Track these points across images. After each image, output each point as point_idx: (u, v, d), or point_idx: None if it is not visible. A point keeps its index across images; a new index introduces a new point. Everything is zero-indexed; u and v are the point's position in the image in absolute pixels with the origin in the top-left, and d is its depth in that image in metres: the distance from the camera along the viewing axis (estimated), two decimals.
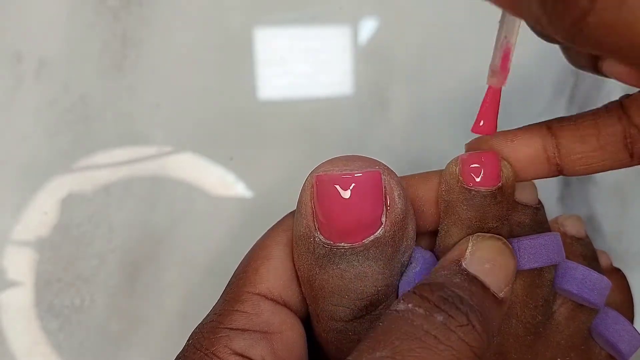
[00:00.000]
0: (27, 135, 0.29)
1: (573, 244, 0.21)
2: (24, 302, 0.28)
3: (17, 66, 0.29)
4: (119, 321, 0.28)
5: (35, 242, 0.29)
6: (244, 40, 0.30)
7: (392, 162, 0.21)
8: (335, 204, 0.16)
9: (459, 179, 0.17)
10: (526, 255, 0.18)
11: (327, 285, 0.17)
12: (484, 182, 0.17)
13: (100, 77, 0.30)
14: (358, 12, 0.31)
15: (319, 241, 0.16)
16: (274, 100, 0.30)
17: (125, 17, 0.30)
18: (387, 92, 0.31)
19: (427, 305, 0.14)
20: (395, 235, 0.16)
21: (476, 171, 0.17)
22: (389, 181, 0.17)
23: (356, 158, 0.17)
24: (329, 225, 0.16)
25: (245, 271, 0.18)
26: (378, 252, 0.16)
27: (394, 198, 0.16)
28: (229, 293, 0.18)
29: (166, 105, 0.30)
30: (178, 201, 0.29)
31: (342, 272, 0.16)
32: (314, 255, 0.16)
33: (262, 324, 0.17)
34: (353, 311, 0.17)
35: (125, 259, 0.29)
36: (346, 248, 0.16)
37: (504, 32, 0.16)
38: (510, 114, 0.31)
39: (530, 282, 0.19)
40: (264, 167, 0.30)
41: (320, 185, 0.16)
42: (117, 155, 0.29)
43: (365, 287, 0.16)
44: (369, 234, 0.16)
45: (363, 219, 0.16)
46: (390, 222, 0.16)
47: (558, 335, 0.19)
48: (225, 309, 0.17)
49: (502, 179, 0.17)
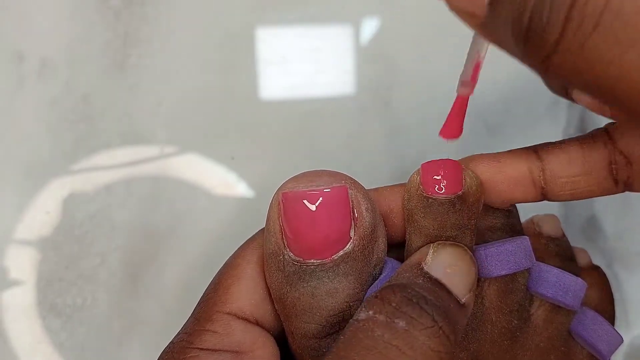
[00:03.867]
0: (29, 135, 0.29)
1: (548, 244, 0.21)
2: (26, 301, 0.28)
3: (19, 66, 0.29)
4: (121, 320, 0.29)
5: (37, 242, 0.29)
6: (246, 39, 0.31)
7: (393, 162, 0.21)
8: (302, 221, 0.16)
9: (419, 187, 0.17)
10: (493, 262, 0.18)
11: (299, 303, 0.16)
12: (443, 190, 0.17)
13: (102, 76, 0.30)
14: (360, 12, 0.31)
15: (288, 259, 0.16)
16: (276, 99, 0.30)
17: (127, 16, 0.30)
18: (389, 91, 0.31)
19: (388, 309, 0.14)
20: (364, 249, 0.16)
21: (436, 179, 0.17)
22: (355, 195, 0.16)
23: (322, 173, 0.17)
24: (297, 242, 0.16)
25: (216, 290, 0.18)
26: (348, 267, 0.16)
27: (361, 212, 0.16)
28: (199, 312, 0.18)
29: (168, 105, 0.30)
30: (179, 201, 0.29)
31: (312, 289, 0.16)
32: (284, 273, 0.16)
33: (233, 344, 0.17)
34: (325, 328, 0.17)
35: (126, 259, 0.29)
36: (316, 265, 0.16)
37: (476, 48, 0.16)
38: (513, 116, 0.31)
39: (504, 287, 0.19)
40: (265, 167, 0.30)
41: (287, 203, 0.16)
42: (119, 154, 0.29)
43: (337, 303, 0.16)
44: (338, 250, 0.16)
45: (331, 234, 0.16)
46: (358, 237, 0.16)
47: (537, 338, 0.19)
48: (195, 329, 0.17)
49: (464, 188, 0.17)
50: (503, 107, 0.31)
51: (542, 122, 0.31)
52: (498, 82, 0.31)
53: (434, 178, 0.17)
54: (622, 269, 0.31)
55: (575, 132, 0.31)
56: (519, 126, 0.31)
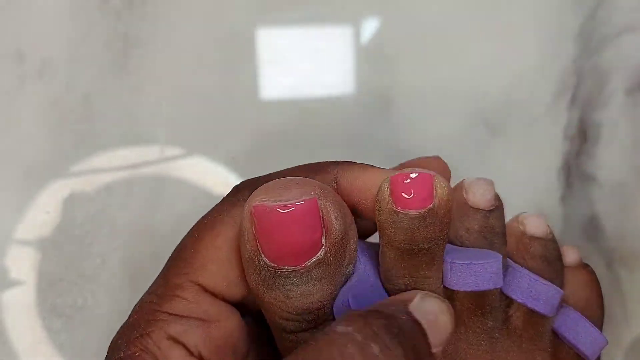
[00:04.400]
0: (30, 135, 0.29)
1: (532, 244, 0.21)
2: (26, 301, 0.28)
3: (19, 66, 0.29)
4: (121, 321, 0.28)
5: (37, 242, 0.29)
6: (247, 39, 0.31)
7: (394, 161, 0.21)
8: (273, 233, 0.16)
9: (389, 201, 0.17)
10: (455, 277, 0.18)
11: (275, 302, 0.17)
12: (412, 204, 0.17)
13: (103, 77, 0.30)
14: (360, 12, 0.31)
15: (263, 264, 0.16)
16: (277, 99, 0.30)
17: (128, 16, 0.30)
18: (389, 91, 0.31)
19: (367, 331, 0.14)
20: (336, 254, 0.17)
21: (405, 194, 0.17)
22: (325, 205, 0.17)
23: (292, 185, 0.17)
24: (270, 252, 0.16)
25: (193, 258, 0.18)
26: (321, 272, 0.17)
27: (331, 221, 0.17)
28: (171, 275, 0.18)
29: (168, 105, 0.30)
30: (180, 201, 0.29)
31: (287, 292, 0.17)
32: (260, 276, 0.17)
33: (201, 313, 0.18)
34: (302, 324, 0.17)
35: (127, 259, 0.29)
36: (289, 271, 0.16)
37: None
38: (513, 116, 0.31)
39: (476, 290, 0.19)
40: (266, 167, 0.30)
41: (258, 215, 0.16)
42: (120, 155, 0.29)
43: (312, 303, 0.17)
44: (311, 257, 0.16)
45: (302, 244, 0.16)
46: (330, 244, 0.17)
47: (517, 339, 0.19)
48: (166, 293, 0.18)
49: (435, 200, 0.17)
50: (503, 107, 0.31)
51: (542, 122, 0.31)
52: (498, 81, 0.31)
53: (406, 193, 0.17)
54: (623, 268, 0.31)
55: (575, 132, 0.31)
56: (519, 126, 0.31)
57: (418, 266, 0.18)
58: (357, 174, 0.19)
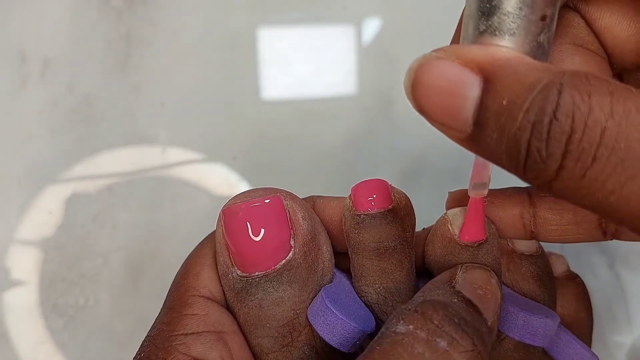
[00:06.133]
0: (32, 135, 0.29)
1: (522, 263, 0.21)
2: (28, 301, 0.28)
3: (21, 66, 0.29)
4: (123, 320, 0.29)
5: (39, 242, 0.29)
6: (248, 40, 0.31)
7: (395, 161, 0.21)
8: (241, 234, 0.16)
9: (352, 209, 0.18)
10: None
11: (249, 318, 0.17)
12: (374, 206, 0.18)
13: (105, 77, 0.30)
14: (362, 12, 0.31)
15: (236, 276, 0.17)
16: (278, 99, 0.30)
17: (129, 17, 0.30)
18: (391, 91, 0.31)
19: (430, 327, 0.14)
20: (307, 257, 0.17)
21: (367, 199, 0.18)
22: (291, 205, 0.17)
23: (258, 190, 0.18)
24: (240, 255, 0.17)
25: (186, 277, 0.18)
26: (291, 275, 0.17)
27: (298, 220, 0.17)
28: (172, 302, 0.18)
29: (170, 105, 0.30)
30: (181, 201, 0.29)
31: (259, 301, 0.17)
32: (234, 291, 0.17)
33: (215, 324, 0.17)
34: (277, 339, 0.17)
35: (129, 259, 0.29)
36: (260, 277, 0.17)
37: None
38: None
39: None
40: (267, 167, 0.30)
41: (226, 218, 0.17)
42: (121, 155, 0.30)
43: (284, 311, 0.17)
44: (280, 259, 0.17)
45: (270, 243, 0.16)
46: (299, 244, 0.17)
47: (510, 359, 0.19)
48: (173, 317, 0.17)
49: (394, 202, 0.18)
50: None
51: None
52: None
53: (365, 198, 0.18)
54: (624, 268, 0.30)
55: None
56: None
57: (387, 269, 0.18)
58: (328, 201, 0.19)
